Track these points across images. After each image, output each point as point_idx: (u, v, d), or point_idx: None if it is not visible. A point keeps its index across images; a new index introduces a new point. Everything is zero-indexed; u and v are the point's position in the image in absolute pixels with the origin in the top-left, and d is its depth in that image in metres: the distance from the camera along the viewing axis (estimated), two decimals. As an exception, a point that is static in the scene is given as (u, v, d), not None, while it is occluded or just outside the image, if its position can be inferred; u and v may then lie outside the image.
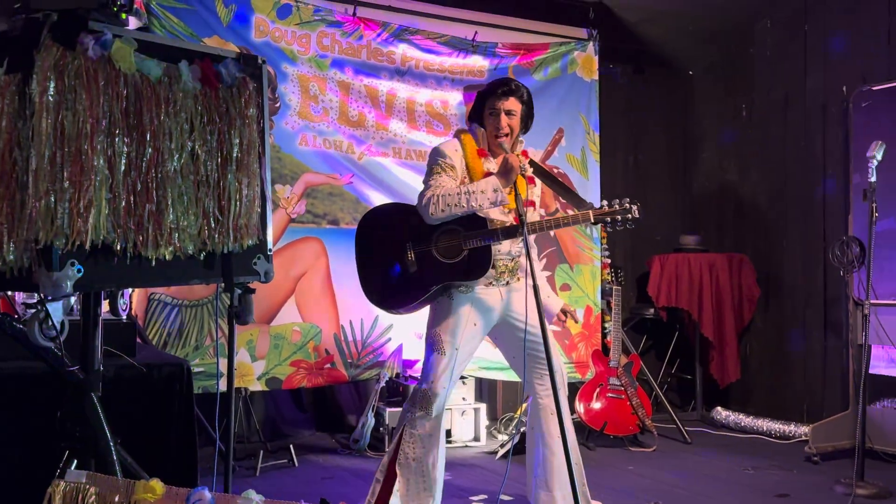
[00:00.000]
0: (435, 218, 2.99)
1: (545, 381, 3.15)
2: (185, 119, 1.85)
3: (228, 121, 1.92)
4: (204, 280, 1.95)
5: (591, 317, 5.23)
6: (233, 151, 1.92)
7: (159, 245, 1.79)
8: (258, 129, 2.00)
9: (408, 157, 4.80)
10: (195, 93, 1.88)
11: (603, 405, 4.72)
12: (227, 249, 1.95)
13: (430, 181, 3.05)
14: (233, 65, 1.97)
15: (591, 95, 5.32)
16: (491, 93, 3.12)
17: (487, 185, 2.98)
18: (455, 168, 3.08)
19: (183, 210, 1.82)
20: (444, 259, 3.04)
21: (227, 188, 1.91)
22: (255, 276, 2.05)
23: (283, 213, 4.42)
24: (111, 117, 1.74)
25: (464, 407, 4.73)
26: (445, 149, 3.11)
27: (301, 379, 4.42)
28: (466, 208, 2.97)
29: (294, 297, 4.47)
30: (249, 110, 1.96)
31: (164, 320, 4.12)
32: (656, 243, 6.08)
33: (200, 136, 1.87)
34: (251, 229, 1.98)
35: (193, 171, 1.86)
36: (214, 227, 1.89)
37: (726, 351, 5.55)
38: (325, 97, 4.56)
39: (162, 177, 1.79)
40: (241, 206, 1.93)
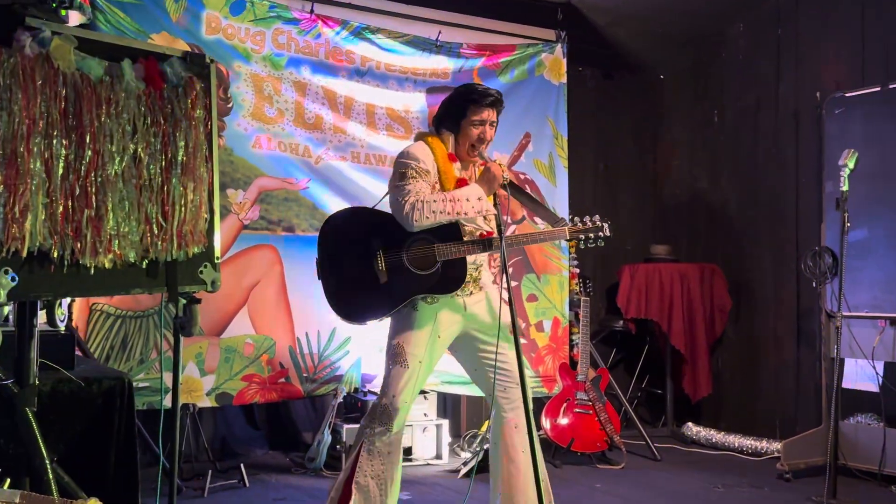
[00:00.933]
0: (419, 226, 2.98)
1: (509, 394, 3.18)
2: (127, 120, 1.86)
3: (173, 122, 1.93)
4: (146, 290, 1.96)
5: (559, 329, 5.28)
6: (178, 154, 1.93)
7: (99, 252, 1.80)
8: (205, 131, 2.02)
9: (367, 161, 4.82)
10: (138, 93, 1.89)
11: (570, 421, 4.76)
12: (172, 257, 1.96)
13: (407, 186, 3.02)
14: (179, 64, 1.98)
15: (559, 99, 5.39)
16: (475, 101, 3.12)
17: (472, 192, 3.01)
18: (429, 172, 3.09)
19: (124, 216, 1.83)
20: (417, 269, 3.05)
21: (171, 193, 1.92)
22: (202, 286, 2.06)
23: (235, 220, 4.41)
24: (49, 118, 1.75)
25: (425, 423, 4.74)
26: (417, 152, 3.09)
27: (253, 394, 4.41)
28: (452, 216, 2.98)
29: (247, 308, 4.45)
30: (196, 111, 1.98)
31: (106, 332, 4.08)
32: (626, 253, 6.16)
33: (143, 139, 1.88)
34: (197, 236, 1.99)
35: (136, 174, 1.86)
36: (157, 234, 1.90)
37: (698, 364, 5.63)
38: (281, 98, 4.57)
39: (102, 181, 1.80)
40: (186, 211, 1.94)
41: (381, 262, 3.05)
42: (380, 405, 3.11)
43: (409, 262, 3.06)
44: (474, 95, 3.14)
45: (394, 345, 3.12)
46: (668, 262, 5.81)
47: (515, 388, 3.18)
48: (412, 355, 3.09)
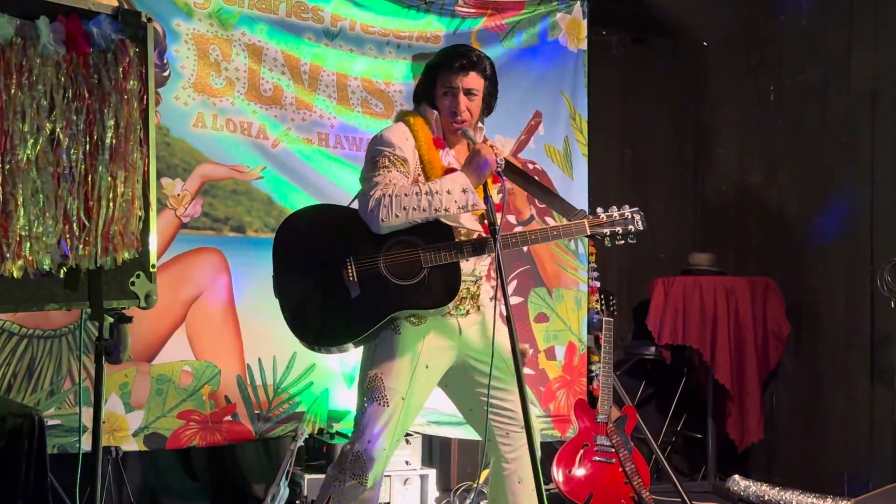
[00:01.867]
0: (387, 225, 2.99)
1: (512, 439, 3.19)
2: (43, 93, 1.86)
3: (101, 96, 1.94)
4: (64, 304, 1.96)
5: (575, 357, 5.30)
6: (105, 136, 1.94)
7: (6, 258, 1.80)
8: (140, 107, 2.03)
9: (337, 145, 4.84)
10: (57, 59, 1.90)
11: (588, 472, 4.77)
12: (96, 265, 1.96)
13: (377, 177, 3.04)
14: (108, 23, 1.99)
15: (577, 70, 5.42)
16: (445, 65, 3.15)
17: (454, 183, 3.01)
18: (407, 162, 3.09)
19: (38, 212, 1.84)
20: (397, 279, 3.05)
21: (96, 184, 1.93)
22: (133, 300, 2.06)
23: (171, 216, 4.41)
24: (-56, 89, 1.75)
25: (407, 473, 4.74)
26: (393, 136, 3.11)
27: (192, 436, 4.40)
28: (428, 213, 2.98)
29: (185, 327, 4.45)
30: (129, 83, 1.99)
31: (9, 356, 4.08)
32: (659, 263, 6.18)
33: (63, 116, 1.89)
34: (128, 238, 2.00)
35: (53, 161, 1.87)
36: (79, 236, 1.91)
37: (747, 403, 5.65)
38: (230, 64, 4.58)
39: (11, 168, 1.81)
40: (114, 207, 1.95)
41: (352, 270, 3.05)
42: (352, 452, 3.12)
43: (387, 270, 3.06)
44: (444, 58, 3.17)
45: (370, 377, 3.13)
46: (712, 275, 5.83)
47: (520, 433, 3.20)
48: (393, 390, 3.09)
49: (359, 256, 3.07)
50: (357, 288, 3.05)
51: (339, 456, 3.22)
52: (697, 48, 6.53)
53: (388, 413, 3.09)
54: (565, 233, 3.25)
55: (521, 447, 3.20)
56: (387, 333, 3.11)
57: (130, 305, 2.06)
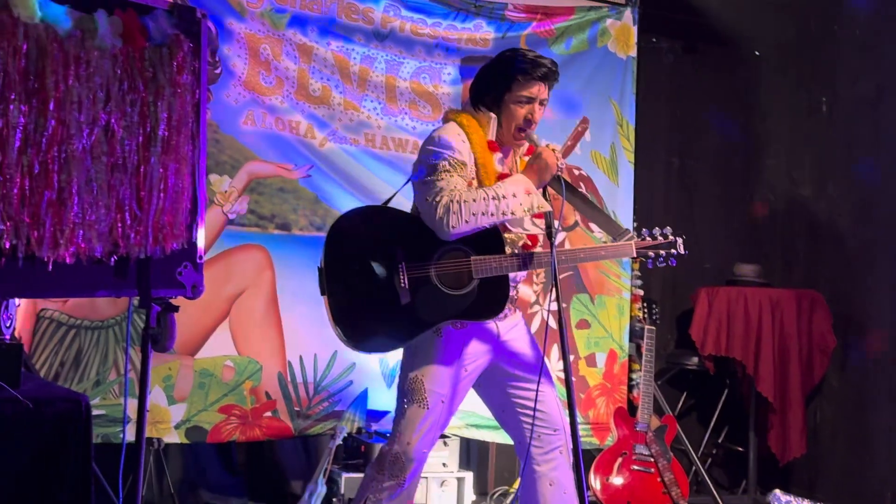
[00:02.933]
0: (456, 232, 2.98)
1: (543, 441, 3.19)
2: (99, 85, 1.91)
3: (155, 89, 1.98)
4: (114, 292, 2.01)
5: (616, 364, 5.29)
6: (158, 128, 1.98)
7: (59, 244, 1.85)
8: (193, 101, 2.07)
9: (383, 146, 4.87)
10: (114, 52, 1.95)
11: (626, 480, 4.76)
12: (145, 254, 2.00)
13: (440, 183, 3.02)
14: (164, 18, 2.03)
15: (626, 77, 5.41)
16: (523, 72, 3.11)
17: (518, 186, 3.01)
18: (466, 165, 3.08)
19: (91, 200, 1.88)
20: (447, 288, 3.07)
21: (148, 175, 1.98)
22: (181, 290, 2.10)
23: (218, 212, 4.47)
24: (5, 78, 1.80)
25: (444, 475, 4.75)
26: (451, 138, 3.09)
27: (232, 430, 4.45)
28: (496, 218, 2.98)
29: (228, 323, 4.50)
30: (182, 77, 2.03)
31: (56, 346, 4.15)
32: (704, 272, 6.14)
33: (118, 108, 1.94)
34: (177, 229, 2.04)
35: (107, 151, 1.92)
36: (130, 225, 1.95)
37: (790, 417, 5.60)
38: (281, 64, 4.63)
39: (67, 157, 1.85)
40: (165, 198, 2.00)
41: (404, 277, 3.06)
42: (391, 453, 3.13)
43: (438, 279, 3.07)
44: (523, 64, 3.13)
45: (410, 378, 3.14)
46: (757, 287, 5.79)
47: (552, 436, 3.20)
48: (433, 393, 3.10)
49: (411, 263, 3.08)
50: (408, 294, 3.06)
51: (377, 456, 3.23)
52: (749, 57, 6.49)
53: (428, 415, 3.10)
54: (613, 254, 3.35)
55: (553, 450, 3.20)
56: (428, 336, 3.12)
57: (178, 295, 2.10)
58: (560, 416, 3.18)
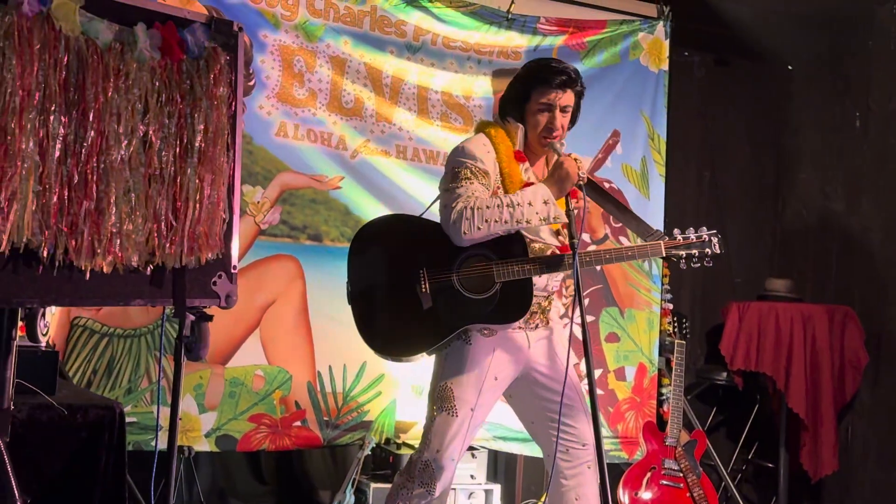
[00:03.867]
0: (469, 238, 3.01)
1: (571, 456, 3.19)
2: (138, 97, 1.94)
3: (192, 101, 2.01)
4: (149, 301, 2.03)
5: (645, 378, 5.27)
6: (195, 140, 2.01)
7: (96, 253, 1.88)
8: (229, 113, 2.09)
9: (415, 157, 4.89)
10: (152, 64, 1.97)
11: (655, 495, 4.74)
12: (181, 263, 2.03)
13: (459, 189, 3.06)
14: (202, 31, 2.06)
15: (657, 90, 5.40)
16: (543, 80, 3.15)
17: (535, 195, 3.02)
18: (488, 174, 3.11)
19: (129, 210, 1.91)
20: (470, 293, 3.08)
21: (185, 186, 2.00)
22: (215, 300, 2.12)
23: (250, 223, 4.51)
24: (46, 90, 1.83)
25: (472, 488, 4.75)
26: (475, 148, 3.13)
27: (262, 439, 4.48)
28: (510, 225, 3.00)
29: (258, 332, 4.53)
30: (219, 89, 2.06)
31: (89, 353, 4.19)
32: (735, 287, 6.12)
33: (156, 119, 1.96)
34: (212, 239, 2.06)
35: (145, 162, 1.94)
36: (166, 234, 1.98)
37: (821, 433, 5.55)
38: (314, 76, 4.66)
39: (105, 168, 1.88)
40: (201, 208, 2.02)
41: (425, 283, 3.09)
42: (420, 461, 3.15)
43: (461, 284, 3.09)
44: (542, 72, 3.16)
45: (440, 386, 3.16)
46: (789, 302, 5.75)
47: (580, 450, 3.20)
48: (462, 401, 3.12)
49: (432, 269, 3.11)
50: (429, 300, 3.09)
51: (407, 463, 3.25)
52: (781, 71, 6.46)
53: (457, 423, 3.12)
54: (641, 253, 3.25)
55: (581, 465, 3.20)
56: (458, 344, 3.15)
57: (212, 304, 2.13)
58: (589, 431, 3.18)
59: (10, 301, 1.85)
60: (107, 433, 2.45)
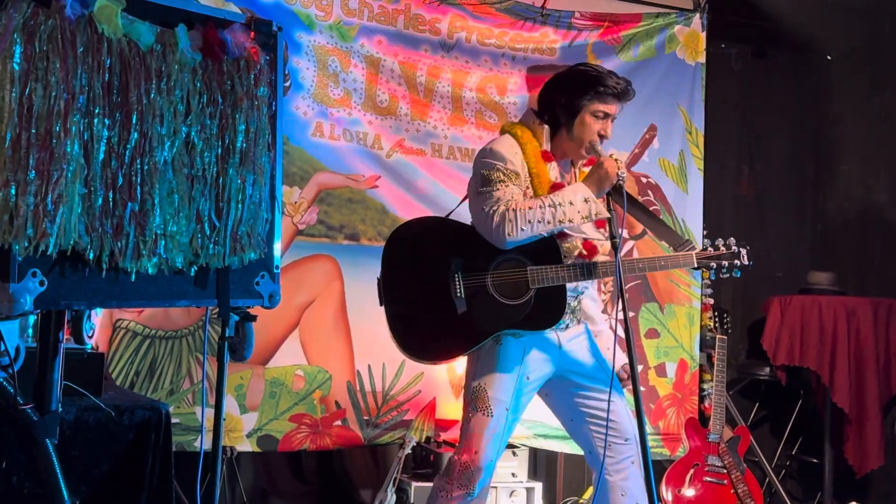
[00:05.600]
0: (513, 240, 3.00)
1: (614, 451, 3.18)
2: (180, 98, 1.95)
3: (233, 102, 2.02)
4: (194, 301, 2.04)
5: (686, 374, 5.23)
6: (237, 140, 2.02)
7: (142, 255, 1.89)
8: (269, 113, 2.10)
9: (450, 155, 4.89)
10: (194, 65, 1.98)
11: (698, 492, 4.70)
12: (224, 264, 2.04)
13: (496, 193, 3.05)
14: (241, 32, 2.07)
15: (694, 83, 5.36)
16: (605, 89, 3.13)
17: (576, 194, 3.02)
18: (519, 175, 3.10)
19: (172, 212, 1.92)
20: (503, 298, 3.08)
21: (227, 186, 2.01)
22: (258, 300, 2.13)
23: (288, 223, 4.53)
24: (90, 93, 1.84)
25: (513, 486, 4.74)
26: (503, 150, 3.13)
27: (303, 439, 4.50)
28: (553, 225, 2.99)
29: (298, 332, 4.56)
30: (259, 89, 2.06)
31: (131, 355, 4.24)
32: (776, 281, 6.06)
33: (198, 120, 1.97)
34: (255, 239, 2.07)
35: (188, 163, 1.95)
36: (210, 235, 1.98)
37: (867, 428, 5.50)
38: (349, 76, 4.68)
39: (149, 169, 1.89)
40: (243, 209, 2.02)
41: (460, 286, 3.10)
42: (459, 462, 3.15)
43: (495, 289, 3.09)
44: (603, 82, 3.13)
45: (474, 387, 3.16)
46: (832, 295, 5.70)
47: (623, 445, 3.19)
48: (497, 401, 3.12)
49: (467, 272, 3.11)
50: (464, 304, 3.10)
51: (446, 465, 3.25)
52: (821, 62, 6.40)
53: (493, 423, 3.12)
54: (673, 264, 3.27)
55: (624, 460, 3.19)
56: (490, 345, 3.15)
57: (256, 304, 2.14)
58: (631, 426, 3.17)
59: (58, 303, 1.87)
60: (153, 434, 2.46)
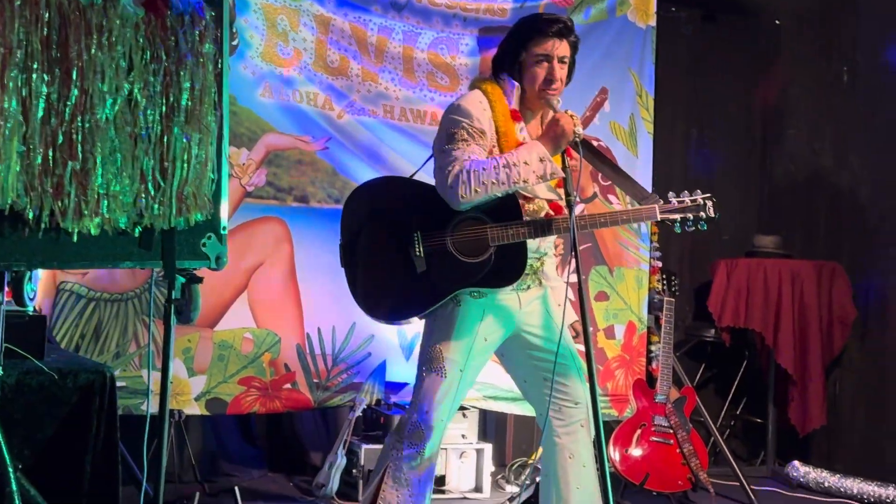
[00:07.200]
0: (467, 201, 2.97)
1: (565, 414, 3.19)
2: (122, 54, 1.90)
3: (177, 58, 1.97)
4: (138, 263, 2.01)
5: (634, 336, 5.28)
6: (181, 98, 1.98)
7: (83, 215, 1.85)
8: (215, 70, 2.06)
9: (402, 117, 4.86)
10: (136, 21, 1.93)
11: (645, 452, 4.76)
12: (169, 225, 2.00)
13: (455, 151, 3.01)
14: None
15: (645, 47, 5.36)
16: (539, 31, 3.08)
17: (531, 153, 2.97)
18: (485, 133, 3.06)
19: (115, 171, 1.88)
20: (464, 257, 3.07)
21: (171, 145, 1.97)
22: (205, 261, 2.10)
23: (236, 185, 4.47)
24: (28, 48, 1.79)
25: (463, 447, 4.77)
26: (471, 107, 3.07)
27: (252, 402, 4.47)
28: (508, 186, 2.96)
29: (246, 295, 4.52)
30: (205, 46, 2.02)
31: (76, 318, 4.18)
32: (723, 244, 6.12)
33: (141, 77, 1.93)
34: (201, 200, 2.03)
35: (130, 121, 1.91)
36: (154, 195, 1.95)
37: (809, 388, 5.59)
38: (298, 35, 4.61)
39: (90, 127, 1.85)
40: (188, 168, 1.99)
41: (419, 246, 3.07)
42: (410, 422, 3.15)
43: (455, 248, 3.07)
44: (536, 23, 3.11)
45: (429, 348, 3.15)
46: (777, 258, 5.76)
47: (573, 408, 3.20)
48: (452, 361, 3.12)
49: (426, 232, 3.08)
50: (423, 263, 3.08)
51: (396, 425, 3.25)
52: (769, 26, 6.43)
53: (447, 384, 3.11)
54: (635, 217, 3.25)
55: (574, 422, 3.20)
56: (448, 305, 3.13)
57: (202, 266, 2.11)
58: (582, 390, 3.18)
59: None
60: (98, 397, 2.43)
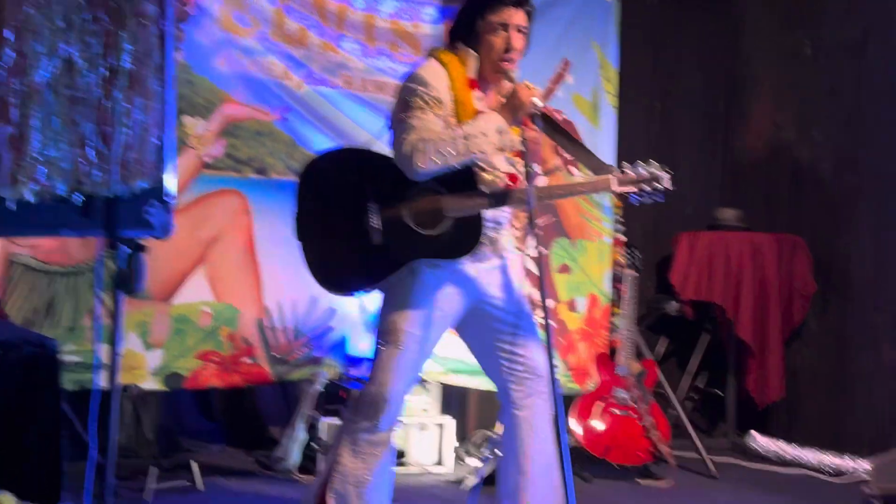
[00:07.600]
0: (423, 171, 2.94)
1: (524, 386, 3.18)
2: (59, 14, 1.84)
3: (118, 20, 1.92)
4: (79, 231, 1.97)
5: (597, 309, 5.28)
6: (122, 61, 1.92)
7: (19, 182, 1.80)
8: (158, 33, 2.00)
9: (363, 88, 4.80)
10: (75, -21, 1.87)
11: (606, 425, 4.77)
12: (111, 193, 1.95)
13: (411, 120, 2.98)
14: (127, -56, 1.96)
15: (608, 19, 5.33)
16: (487, 3, 3.05)
17: (489, 123, 2.96)
18: (442, 102, 3.03)
19: (53, 136, 1.83)
20: (420, 228, 3.04)
21: (112, 110, 1.91)
22: (149, 230, 2.05)
23: (193, 156, 4.40)
24: (-41, 6, 1.73)
25: (424, 421, 4.76)
26: (428, 76, 3.04)
27: (210, 376, 4.43)
28: (465, 157, 2.93)
29: (204, 268, 4.47)
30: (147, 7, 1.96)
31: (28, 292, 4.11)
32: (685, 218, 6.13)
33: (79, 39, 1.87)
34: (145, 166, 1.99)
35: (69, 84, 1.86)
36: (95, 162, 1.90)
37: (769, 361, 5.63)
38: (256, 3, 4.53)
39: (27, 90, 1.80)
40: (131, 134, 1.94)
41: (375, 216, 3.05)
42: (367, 395, 3.14)
43: (411, 218, 3.05)
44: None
45: (386, 319, 3.14)
46: (739, 231, 5.79)
47: (533, 381, 3.19)
48: (409, 334, 3.10)
49: (382, 202, 3.05)
50: (379, 234, 3.05)
51: (354, 399, 3.23)
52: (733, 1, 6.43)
53: (403, 356, 3.09)
54: (591, 188, 3.24)
55: (533, 395, 3.19)
56: (404, 277, 3.10)
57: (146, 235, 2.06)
58: (542, 362, 3.16)
59: (-71, 233, 1.77)
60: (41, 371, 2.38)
